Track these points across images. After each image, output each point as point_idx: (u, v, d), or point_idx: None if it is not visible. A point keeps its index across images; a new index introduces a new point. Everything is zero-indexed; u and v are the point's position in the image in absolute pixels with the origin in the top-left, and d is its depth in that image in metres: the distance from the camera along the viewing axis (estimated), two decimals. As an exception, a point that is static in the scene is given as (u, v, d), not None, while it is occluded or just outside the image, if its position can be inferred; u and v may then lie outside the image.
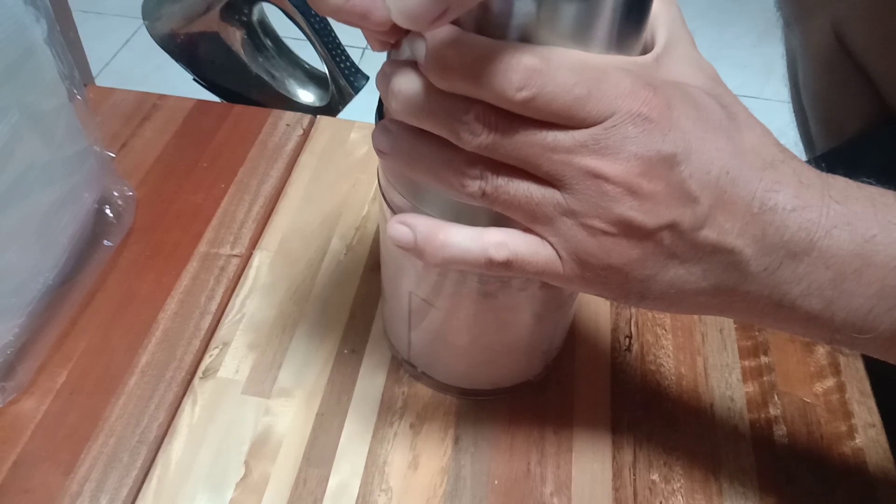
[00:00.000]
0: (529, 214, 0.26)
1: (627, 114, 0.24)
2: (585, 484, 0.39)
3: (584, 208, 0.25)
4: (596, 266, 0.26)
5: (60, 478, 0.38)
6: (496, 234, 0.27)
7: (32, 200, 0.40)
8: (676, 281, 0.27)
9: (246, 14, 0.61)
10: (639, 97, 0.24)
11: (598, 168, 0.24)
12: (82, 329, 0.44)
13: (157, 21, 0.62)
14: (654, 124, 0.24)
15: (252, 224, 0.51)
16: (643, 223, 0.25)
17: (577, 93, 0.24)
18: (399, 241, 0.28)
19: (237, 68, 0.62)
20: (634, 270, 0.26)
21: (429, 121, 0.26)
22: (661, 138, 0.24)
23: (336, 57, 0.61)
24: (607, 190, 0.25)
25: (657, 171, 0.24)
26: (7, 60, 0.37)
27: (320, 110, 0.64)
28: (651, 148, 0.24)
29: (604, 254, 0.26)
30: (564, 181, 0.25)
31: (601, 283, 0.27)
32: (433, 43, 0.24)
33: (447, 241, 0.27)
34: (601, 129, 0.24)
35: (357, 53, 0.65)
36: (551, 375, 0.43)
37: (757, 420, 0.42)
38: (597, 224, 0.25)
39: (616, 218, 0.25)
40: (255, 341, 0.44)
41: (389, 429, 0.41)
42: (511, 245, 0.27)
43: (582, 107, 0.24)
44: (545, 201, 0.26)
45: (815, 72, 0.53)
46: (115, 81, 1.02)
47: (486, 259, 0.27)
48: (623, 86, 0.24)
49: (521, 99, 0.24)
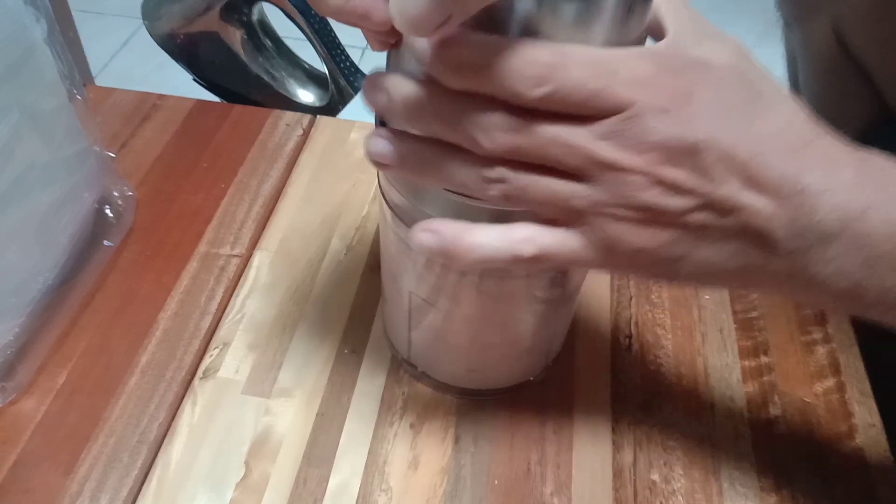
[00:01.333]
0: (555, 210, 0.26)
1: (646, 103, 0.24)
2: (585, 484, 0.39)
3: (610, 199, 0.25)
4: (625, 251, 0.26)
5: (60, 478, 0.38)
6: (522, 230, 0.27)
7: (32, 200, 0.40)
8: (706, 261, 0.27)
9: (246, 14, 0.61)
10: (657, 85, 0.24)
11: (619, 160, 0.24)
12: (82, 329, 0.44)
13: (157, 21, 0.62)
14: (675, 113, 0.24)
15: (252, 224, 0.51)
16: (670, 209, 0.25)
17: (593, 85, 0.23)
18: (425, 248, 0.27)
19: (237, 68, 0.63)
20: (664, 252, 0.26)
21: (440, 128, 0.25)
22: (682, 127, 0.24)
23: (336, 57, 0.61)
24: (631, 180, 0.24)
25: (680, 159, 0.24)
26: (7, 60, 0.37)
27: (320, 110, 0.64)
28: (672, 137, 0.24)
29: (633, 239, 0.26)
30: (588, 174, 0.25)
31: (630, 265, 0.27)
32: (443, 43, 0.24)
33: (474, 243, 0.27)
34: (620, 121, 0.24)
35: (357, 53, 0.64)
36: (551, 375, 0.43)
37: (757, 420, 0.42)
38: (624, 213, 0.25)
39: (642, 206, 0.25)
40: (255, 341, 0.44)
41: (389, 429, 0.41)
42: (538, 239, 0.26)
43: (600, 99, 0.24)
44: (571, 196, 0.25)
45: (815, 72, 0.53)
46: (115, 81, 1.02)
47: (514, 257, 0.27)
48: (641, 74, 0.24)
49: (539, 95, 0.23)
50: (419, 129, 0.26)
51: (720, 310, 0.47)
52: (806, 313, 0.47)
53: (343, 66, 0.61)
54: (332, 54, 0.60)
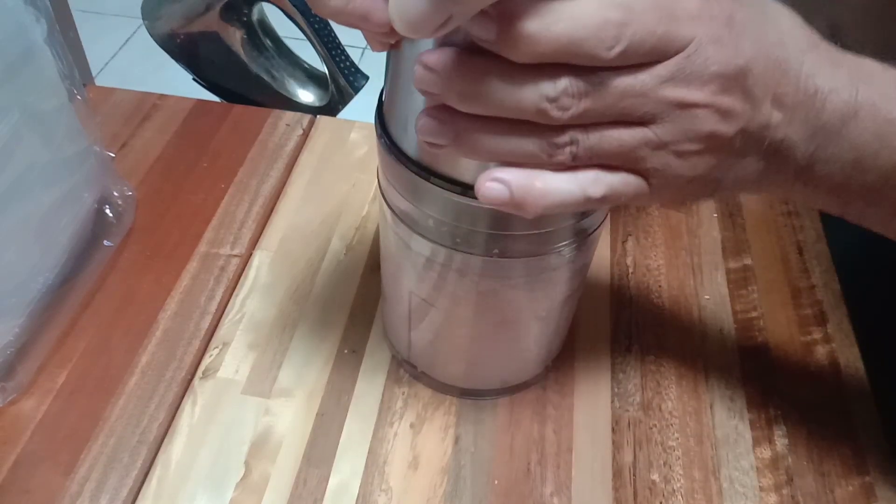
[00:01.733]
0: (621, 159, 0.26)
1: (705, 36, 0.24)
2: (585, 484, 0.39)
3: (676, 136, 0.26)
4: (682, 182, 0.27)
5: (60, 478, 0.38)
6: (588, 173, 0.27)
7: (32, 200, 0.40)
8: (741, 172, 0.28)
9: (246, 14, 0.61)
10: (708, 16, 0.24)
11: (686, 97, 0.25)
12: (82, 329, 0.44)
13: (157, 21, 0.62)
14: (727, 41, 0.25)
15: (252, 224, 0.51)
16: (725, 133, 0.26)
17: (660, 31, 0.24)
18: (493, 198, 0.26)
19: (237, 68, 0.62)
20: (711, 174, 0.27)
21: (504, 108, 0.25)
22: (734, 52, 0.25)
23: (336, 57, 0.61)
24: (697, 114, 0.25)
25: (734, 84, 0.25)
26: (7, 60, 0.37)
27: (320, 110, 0.64)
28: (729, 64, 0.25)
29: (690, 170, 0.27)
30: (655, 117, 0.25)
31: (682, 192, 0.28)
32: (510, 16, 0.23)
33: (547, 188, 0.26)
34: (683, 59, 0.24)
35: (357, 53, 0.64)
36: (551, 375, 0.43)
37: (757, 420, 0.42)
38: (687, 147, 0.26)
39: (705, 136, 0.26)
40: (255, 341, 0.44)
41: (389, 429, 0.41)
42: (605, 179, 0.27)
43: (666, 43, 0.24)
44: (638, 143, 0.26)
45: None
46: (115, 81, 1.02)
47: (585, 197, 0.27)
48: (691, 7, 0.24)
49: (615, 55, 0.23)
50: (476, 109, 0.25)
51: (720, 310, 0.47)
52: (806, 313, 0.47)
53: (343, 66, 0.61)
54: (332, 54, 0.60)
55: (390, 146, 0.31)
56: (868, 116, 0.27)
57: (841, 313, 0.47)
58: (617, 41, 0.23)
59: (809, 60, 0.27)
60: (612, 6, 0.23)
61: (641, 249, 0.51)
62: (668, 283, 0.49)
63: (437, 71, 0.24)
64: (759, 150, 0.27)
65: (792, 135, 0.27)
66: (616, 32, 0.23)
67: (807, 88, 0.26)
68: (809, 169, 0.28)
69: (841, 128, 0.27)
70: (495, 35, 0.23)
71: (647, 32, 0.23)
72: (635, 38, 0.23)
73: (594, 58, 0.23)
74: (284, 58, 0.64)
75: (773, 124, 0.27)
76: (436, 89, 0.25)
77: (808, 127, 0.27)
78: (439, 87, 0.25)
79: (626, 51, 0.23)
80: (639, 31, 0.23)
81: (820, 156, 0.27)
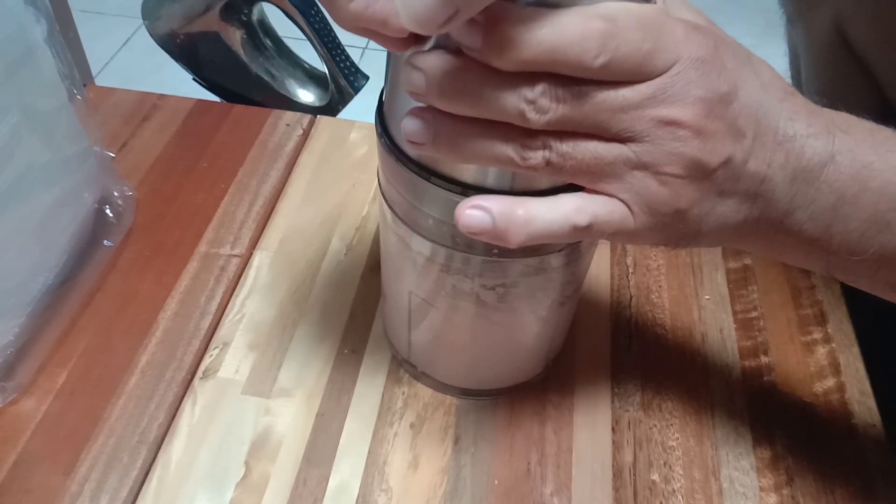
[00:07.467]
0: (598, 176, 0.26)
1: (689, 59, 0.24)
2: (585, 484, 0.39)
3: (656, 158, 0.25)
4: (665, 213, 0.27)
5: (60, 478, 0.38)
6: (572, 200, 0.27)
7: (32, 200, 0.40)
8: (721, 216, 0.28)
9: (246, 14, 0.61)
10: (694, 41, 0.25)
11: (669, 115, 0.25)
12: (82, 329, 0.44)
13: (157, 21, 0.62)
14: (711, 66, 0.25)
15: (252, 224, 0.51)
16: (708, 162, 0.26)
17: (646, 48, 0.24)
18: (474, 227, 0.26)
19: (237, 68, 0.62)
20: (693, 211, 0.27)
21: (484, 108, 0.25)
22: (718, 78, 0.25)
23: (336, 57, 0.61)
24: (680, 135, 0.25)
25: (717, 110, 0.25)
26: (7, 60, 0.37)
27: (320, 110, 0.64)
28: (711, 89, 0.25)
29: (673, 199, 0.26)
30: (635, 135, 0.25)
31: (665, 229, 0.28)
32: (495, 24, 0.23)
33: (529, 216, 0.26)
34: (668, 78, 0.24)
35: (357, 53, 0.64)
36: (551, 375, 0.43)
37: (757, 420, 0.42)
38: (669, 170, 0.26)
39: (687, 161, 0.25)
40: (255, 341, 0.44)
41: (389, 429, 0.41)
42: (589, 208, 0.26)
43: (651, 60, 0.24)
44: (614, 160, 0.25)
45: (816, 68, 0.53)
46: (115, 81, 1.02)
47: (570, 227, 0.26)
48: (679, 31, 0.24)
49: (599, 65, 0.23)
50: (457, 108, 0.25)
51: (720, 310, 0.47)
52: (806, 313, 0.47)
53: (343, 66, 0.61)
54: (332, 54, 0.60)
55: (390, 146, 0.31)
56: (845, 161, 0.27)
57: (841, 313, 0.47)
58: (601, 51, 0.23)
59: (788, 107, 0.27)
60: (595, 17, 0.23)
61: (641, 249, 0.51)
62: (668, 283, 0.49)
63: (422, 69, 0.25)
64: (742, 192, 0.27)
65: (773, 176, 0.27)
66: (600, 42, 0.23)
67: (786, 131, 0.27)
68: (790, 216, 0.28)
69: (820, 172, 0.27)
70: (481, 43, 0.23)
71: (632, 48, 0.24)
72: (619, 52, 0.23)
73: (579, 66, 0.23)
74: (284, 58, 0.64)
75: (754, 161, 0.26)
76: (421, 89, 0.25)
77: (788, 170, 0.27)
78: (424, 87, 0.25)
79: (610, 63, 0.23)
80: (623, 46, 0.23)
81: (800, 202, 0.27)
